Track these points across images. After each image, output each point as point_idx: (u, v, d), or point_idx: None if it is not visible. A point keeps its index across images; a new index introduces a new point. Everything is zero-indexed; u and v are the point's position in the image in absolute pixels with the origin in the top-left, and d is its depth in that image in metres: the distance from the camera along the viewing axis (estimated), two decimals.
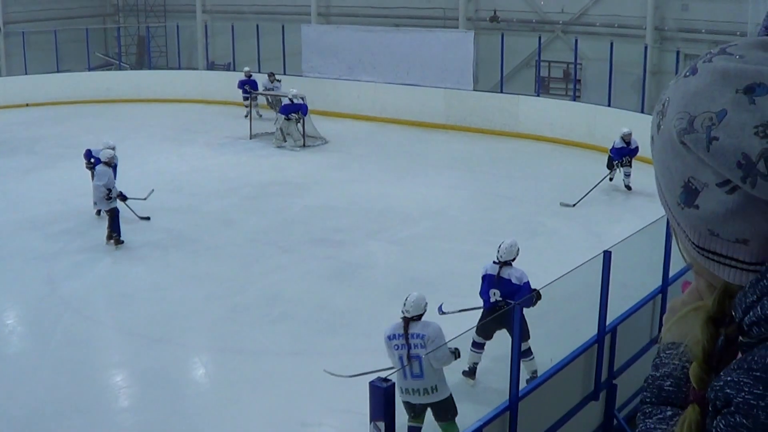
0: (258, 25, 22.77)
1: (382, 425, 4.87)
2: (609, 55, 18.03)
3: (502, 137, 18.85)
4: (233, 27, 23.60)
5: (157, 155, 17.28)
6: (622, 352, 7.42)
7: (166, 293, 10.25)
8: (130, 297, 10.11)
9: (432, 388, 6.38)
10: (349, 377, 7.17)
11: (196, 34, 25.84)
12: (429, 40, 20.46)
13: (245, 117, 19.99)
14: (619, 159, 14.26)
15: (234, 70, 22.96)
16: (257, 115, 20.01)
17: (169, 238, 12.14)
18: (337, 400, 7.50)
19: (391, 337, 6.57)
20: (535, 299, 7.29)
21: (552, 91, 20.78)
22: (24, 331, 9.59)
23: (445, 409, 6.51)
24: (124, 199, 12.03)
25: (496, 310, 7.64)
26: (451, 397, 6.51)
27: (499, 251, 7.80)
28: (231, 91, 21.59)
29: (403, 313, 6.58)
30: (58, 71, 23.24)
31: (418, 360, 6.39)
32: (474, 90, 20.03)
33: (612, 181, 14.48)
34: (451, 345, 6.47)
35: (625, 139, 14.18)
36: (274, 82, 20.64)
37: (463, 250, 11.38)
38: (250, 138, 18.77)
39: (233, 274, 10.81)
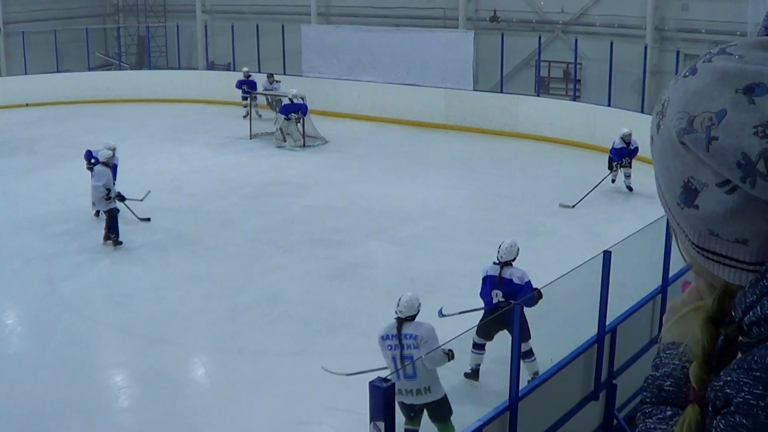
0: (258, 25, 22.76)
1: (381, 425, 4.87)
2: (609, 55, 18.02)
3: (502, 137, 18.85)
4: (233, 27, 23.59)
5: (157, 155, 17.27)
6: (622, 352, 7.42)
7: (165, 293, 10.25)
8: (129, 297, 10.11)
9: (425, 389, 6.38)
10: (346, 375, 7.19)
11: (196, 34, 25.83)
12: (429, 40, 20.45)
13: (244, 117, 20.01)
14: (619, 160, 14.23)
15: (234, 70, 22.92)
16: (257, 115, 20.00)
17: (168, 238, 12.14)
18: (336, 400, 7.51)
19: (385, 337, 6.57)
20: (536, 298, 7.30)
21: (552, 91, 20.77)
22: (24, 331, 9.59)
23: (440, 410, 6.50)
24: (123, 200, 12.06)
25: (497, 310, 7.64)
26: (445, 397, 6.50)
27: (499, 251, 7.80)
28: (231, 91, 21.58)
29: (396, 314, 6.58)
30: (58, 71, 23.22)
31: (411, 360, 6.38)
32: (474, 90, 20.01)
33: (614, 182, 14.46)
34: (451, 346, 6.46)
35: (624, 139, 14.16)
36: (273, 83, 20.64)
37: (463, 250, 11.38)
38: (250, 138, 18.76)
39: (233, 274, 10.81)
